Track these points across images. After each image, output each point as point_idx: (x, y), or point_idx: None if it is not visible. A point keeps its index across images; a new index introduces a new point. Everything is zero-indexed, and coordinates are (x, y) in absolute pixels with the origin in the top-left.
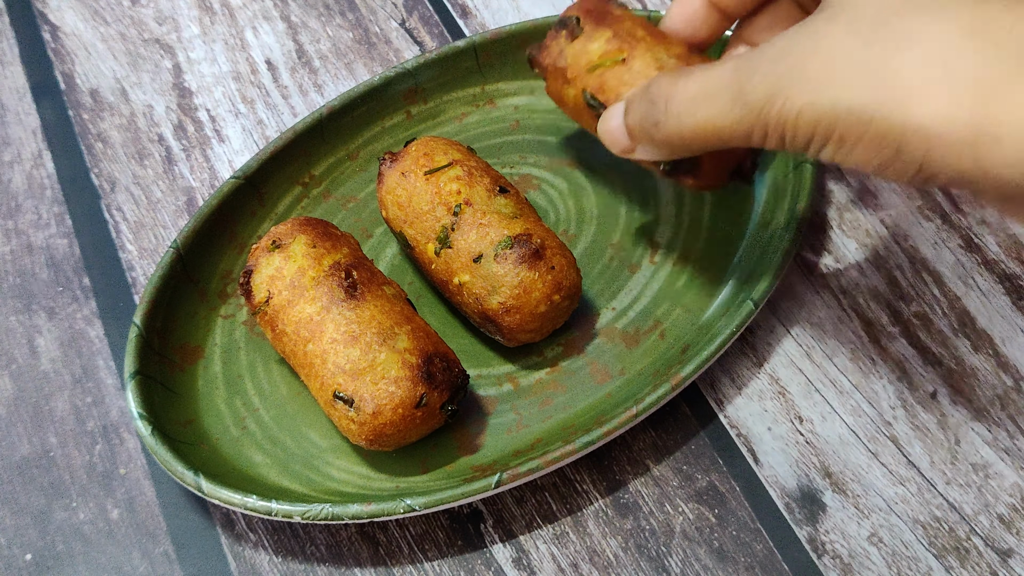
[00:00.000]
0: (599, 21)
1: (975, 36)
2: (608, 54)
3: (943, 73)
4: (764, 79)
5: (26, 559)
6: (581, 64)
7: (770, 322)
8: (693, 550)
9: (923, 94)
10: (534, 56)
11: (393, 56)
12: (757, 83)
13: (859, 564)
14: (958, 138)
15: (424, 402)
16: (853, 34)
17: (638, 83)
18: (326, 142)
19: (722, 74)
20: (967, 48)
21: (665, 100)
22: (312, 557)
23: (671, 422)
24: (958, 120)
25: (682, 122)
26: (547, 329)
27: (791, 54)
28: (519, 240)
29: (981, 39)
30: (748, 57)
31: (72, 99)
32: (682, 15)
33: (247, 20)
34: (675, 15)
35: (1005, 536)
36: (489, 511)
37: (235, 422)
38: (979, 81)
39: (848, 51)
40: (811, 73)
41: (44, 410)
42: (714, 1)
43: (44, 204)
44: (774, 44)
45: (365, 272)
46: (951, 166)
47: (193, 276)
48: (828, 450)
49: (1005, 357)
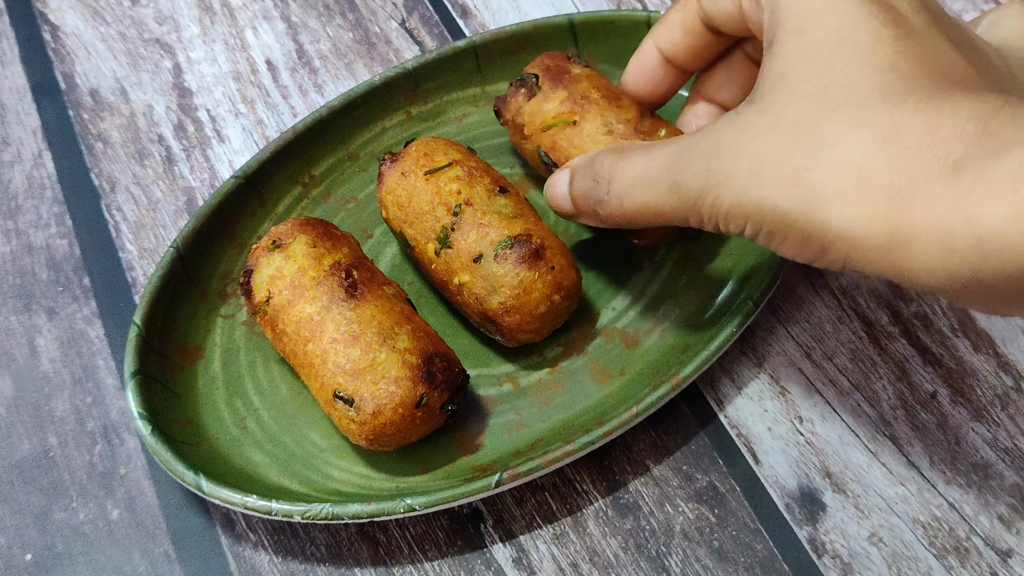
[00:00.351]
0: (556, 81)
1: (887, 143)
2: (560, 116)
3: (859, 178)
4: (696, 174)
5: (26, 559)
6: (536, 123)
7: (770, 322)
8: (693, 550)
9: (841, 199)
10: (499, 108)
11: (393, 56)
12: (690, 177)
13: (859, 564)
14: (874, 243)
15: (424, 402)
16: (777, 135)
17: (587, 146)
18: (326, 142)
19: (660, 161)
20: (881, 155)
21: (608, 180)
22: (312, 557)
23: (671, 422)
24: (873, 226)
25: (623, 203)
26: (547, 329)
27: (720, 149)
28: (519, 240)
29: (893, 146)
30: (682, 147)
31: (72, 99)
32: (640, 72)
33: (247, 20)
34: (633, 72)
35: (1005, 536)
36: (489, 511)
37: (235, 422)
38: (892, 187)
39: (773, 152)
40: (739, 171)
41: (44, 410)
42: (669, 58)
43: (44, 204)
44: (706, 136)
45: (365, 272)
46: (872, 266)
47: (193, 276)
48: (828, 450)
49: (1005, 357)
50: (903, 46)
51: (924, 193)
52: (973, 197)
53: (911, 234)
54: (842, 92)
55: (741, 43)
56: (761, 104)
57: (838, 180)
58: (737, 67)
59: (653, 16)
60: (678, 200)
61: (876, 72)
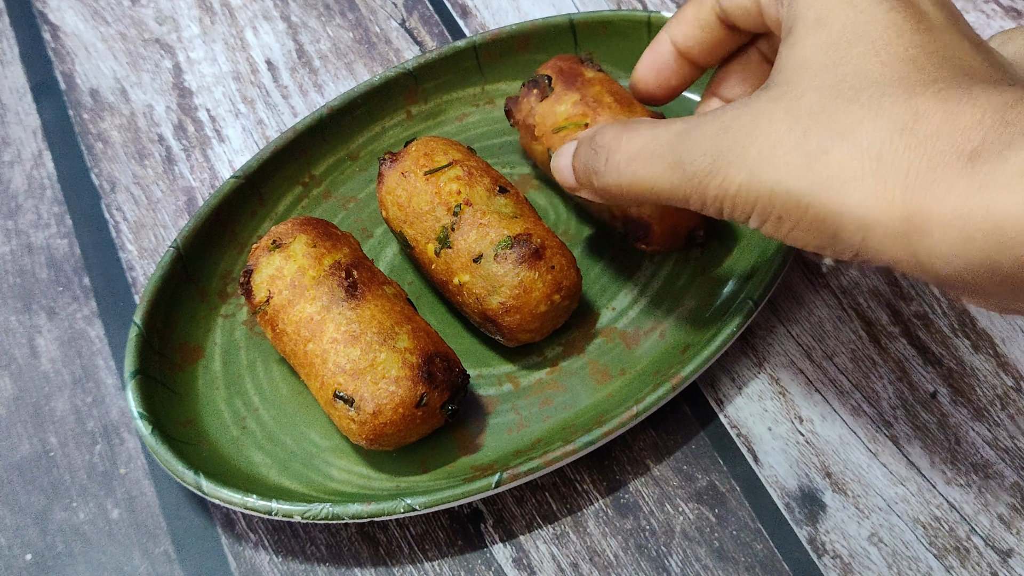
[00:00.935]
0: (569, 84)
1: (905, 131)
2: (573, 118)
3: (877, 165)
4: (704, 153)
5: (26, 559)
6: (548, 124)
7: (770, 322)
8: (693, 550)
9: (858, 184)
10: (509, 109)
11: (393, 56)
12: (697, 156)
13: (859, 564)
14: (891, 229)
15: (424, 402)
16: (793, 119)
17: None
18: (326, 142)
19: (665, 137)
20: (899, 142)
21: (607, 151)
22: (312, 557)
23: (671, 422)
24: (891, 212)
25: (620, 176)
26: (547, 329)
27: (732, 130)
28: (519, 240)
29: (911, 134)
30: (690, 126)
31: (72, 99)
32: (652, 65)
33: (247, 20)
34: (645, 65)
35: (1005, 536)
36: (489, 511)
37: (235, 422)
38: (910, 174)
39: (788, 137)
40: (752, 153)
41: (44, 410)
42: (683, 52)
43: (44, 204)
44: (717, 117)
45: (365, 272)
46: (886, 253)
47: (193, 276)
48: (828, 450)
49: (1005, 357)
50: (922, 40)
51: (942, 181)
52: (990, 186)
53: (928, 221)
54: (861, 81)
55: (756, 41)
56: (776, 91)
57: (856, 166)
58: (752, 66)
59: (653, 16)
60: (680, 179)
61: (895, 63)
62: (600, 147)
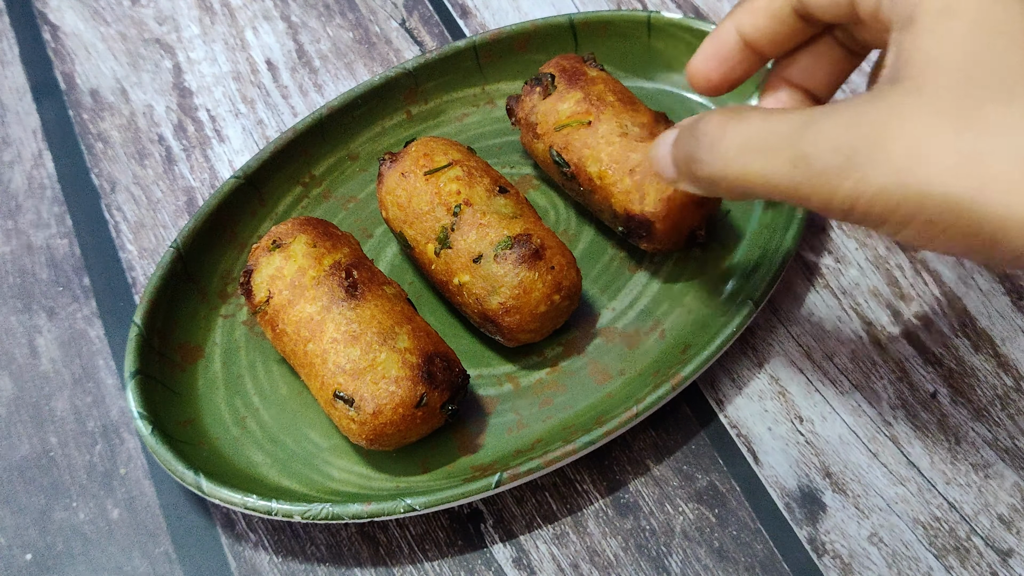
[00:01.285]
0: (572, 82)
1: None
2: (575, 116)
3: None
4: (836, 149)
5: (26, 559)
6: (550, 122)
7: (770, 322)
8: (693, 550)
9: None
10: (511, 107)
11: (393, 56)
12: (825, 152)
13: (859, 564)
14: None
15: (424, 402)
16: (940, 116)
17: (601, 147)
18: (326, 142)
19: (783, 129)
20: None
21: (711, 139)
22: (312, 557)
23: (671, 422)
24: None
25: (728, 167)
26: (547, 329)
27: (864, 126)
28: (519, 240)
29: None
30: (814, 118)
31: (72, 99)
32: (715, 54)
33: (247, 20)
34: (706, 54)
35: (1005, 536)
36: (489, 511)
37: (235, 422)
38: None
39: (938, 136)
40: (896, 152)
41: (44, 410)
42: (750, 42)
43: (44, 204)
44: (843, 111)
45: (365, 272)
46: None
47: (193, 276)
48: (828, 450)
49: (1005, 357)
50: None
51: None
52: None
53: None
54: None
55: (831, 28)
56: (909, 84)
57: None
58: (825, 53)
59: (653, 16)
60: (803, 176)
61: None
62: (704, 134)
